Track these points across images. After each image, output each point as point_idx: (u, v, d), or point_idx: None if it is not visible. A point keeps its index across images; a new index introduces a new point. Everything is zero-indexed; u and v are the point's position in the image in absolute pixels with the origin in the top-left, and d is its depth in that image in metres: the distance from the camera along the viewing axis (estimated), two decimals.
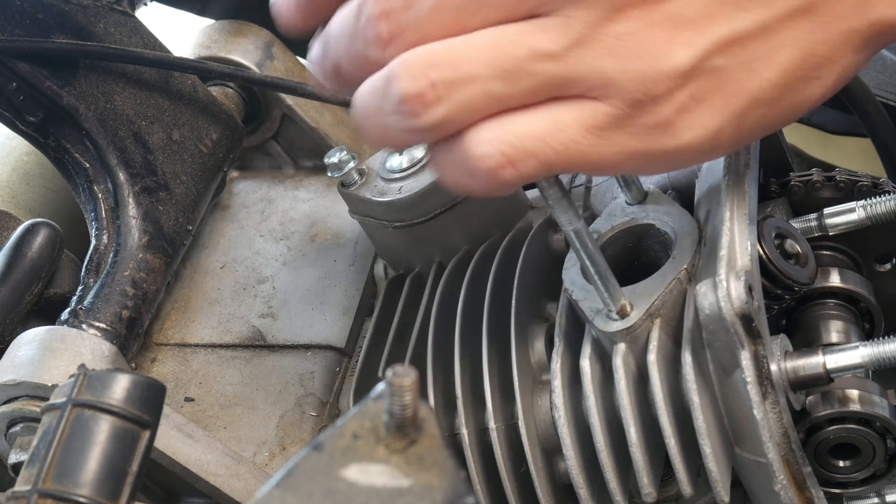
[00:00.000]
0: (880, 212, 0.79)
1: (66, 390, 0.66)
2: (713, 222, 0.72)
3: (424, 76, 0.60)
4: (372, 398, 0.50)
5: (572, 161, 0.61)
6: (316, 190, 1.11)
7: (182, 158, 1.00)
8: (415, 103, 0.60)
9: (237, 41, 1.12)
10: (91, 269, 0.92)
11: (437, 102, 0.60)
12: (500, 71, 0.60)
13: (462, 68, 0.60)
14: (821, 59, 0.61)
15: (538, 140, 0.60)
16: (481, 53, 0.60)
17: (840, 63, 0.62)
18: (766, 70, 0.60)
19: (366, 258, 1.02)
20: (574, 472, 0.74)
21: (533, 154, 0.60)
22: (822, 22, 0.60)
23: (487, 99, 0.60)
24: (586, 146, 0.60)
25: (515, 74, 0.60)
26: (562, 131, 0.60)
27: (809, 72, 0.61)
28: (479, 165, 0.61)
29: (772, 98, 0.61)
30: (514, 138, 0.60)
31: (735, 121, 0.61)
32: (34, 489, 0.62)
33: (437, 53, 0.60)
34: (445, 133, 0.62)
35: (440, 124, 0.61)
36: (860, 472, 0.77)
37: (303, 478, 0.48)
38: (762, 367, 0.67)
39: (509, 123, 0.61)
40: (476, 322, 0.82)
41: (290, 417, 0.92)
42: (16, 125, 0.95)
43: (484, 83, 0.60)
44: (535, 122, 0.61)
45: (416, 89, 0.60)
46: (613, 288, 0.70)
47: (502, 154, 0.60)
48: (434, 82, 0.60)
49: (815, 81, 0.62)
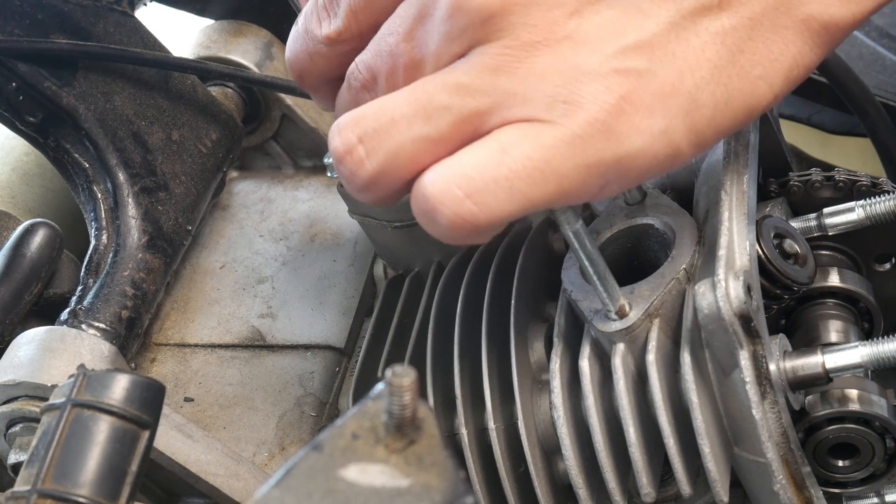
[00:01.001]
0: (880, 212, 0.79)
1: (65, 390, 0.66)
2: (712, 222, 0.72)
3: (351, 133, 0.63)
4: (371, 398, 0.50)
5: (534, 183, 0.60)
6: (315, 190, 1.11)
7: (182, 158, 1.00)
8: (348, 162, 0.63)
9: (237, 41, 1.12)
10: (91, 269, 0.92)
11: (368, 156, 0.62)
12: (418, 110, 0.61)
13: (383, 116, 0.62)
14: (755, 56, 0.61)
15: (491, 166, 0.60)
16: (400, 99, 0.62)
17: (782, 61, 0.62)
18: (695, 69, 0.61)
19: (365, 258, 1.02)
20: (573, 473, 0.74)
21: (492, 180, 0.59)
22: (743, 18, 0.61)
23: (415, 142, 0.62)
24: (542, 163, 0.60)
25: (433, 111, 0.61)
26: (511, 152, 0.60)
27: (748, 69, 0.61)
28: (439, 208, 0.60)
29: (715, 96, 0.61)
30: (465, 169, 0.60)
31: (683, 122, 0.61)
32: (34, 489, 0.62)
33: (365, 109, 0.63)
34: (392, 187, 0.63)
35: (378, 177, 0.63)
36: (859, 471, 0.77)
37: (302, 478, 0.48)
38: (761, 366, 0.67)
39: (454, 160, 0.61)
40: (475, 322, 0.82)
41: (289, 417, 0.92)
42: (15, 125, 0.95)
43: (406, 126, 0.61)
44: (480, 152, 0.60)
45: (345, 147, 0.63)
46: (612, 288, 0.70)
47: (457, 188, 0.60)
48: (360, 136, 0.62)
49: (758, 81, 0.62)
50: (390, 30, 0.65)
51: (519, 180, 0.59)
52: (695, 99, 0.61)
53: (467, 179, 0.59)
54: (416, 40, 0.64)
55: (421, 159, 0.62)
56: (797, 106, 1.19)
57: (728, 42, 0.61)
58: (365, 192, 0.64)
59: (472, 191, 0.59)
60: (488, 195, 0.59)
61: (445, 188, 0.60)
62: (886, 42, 1.13)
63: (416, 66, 0.64)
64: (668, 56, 0.60)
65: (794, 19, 0.62)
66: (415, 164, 0.62)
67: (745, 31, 0.61)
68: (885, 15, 1.15)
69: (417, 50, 0.64)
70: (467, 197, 0.59)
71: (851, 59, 1.04)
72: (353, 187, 0.64)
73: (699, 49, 0.61)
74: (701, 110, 0.61)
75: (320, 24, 0.69)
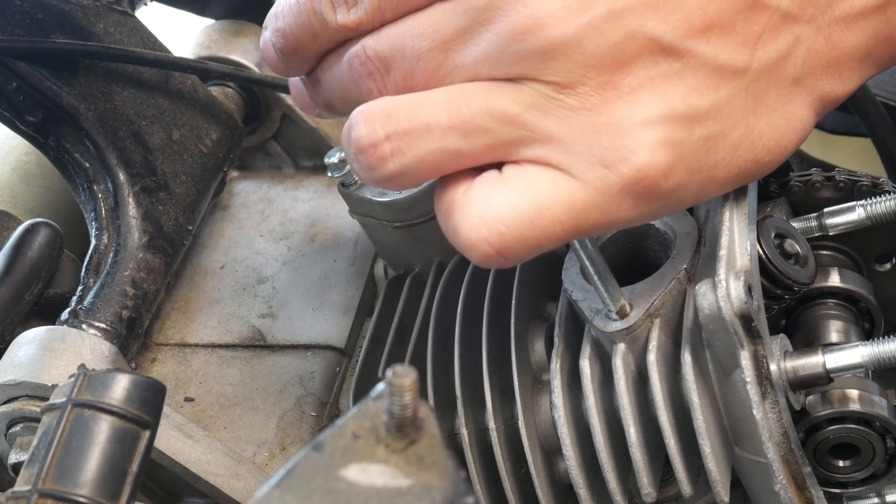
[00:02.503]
0: (880, 212, 0.79)
1: (66, 390, 0.66)
2: (713, 222, 0.72)
3: (380, 127, 0.61)
4: (372, 398, 0.50)
5: (559, 240, 0.61)
6: (316, 190, 1.11)
7: (182, 158, 1.00)
8: (370, 155, 0.61)
9: (237, 41, 1.12)
10: (91, 269, 0.92)
11: (392, 156, 0.61)
12: (456, 125, 0.60)
13: (419, 119, 0.61)
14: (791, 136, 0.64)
15: (523, 224, 0.60)
16: (439, 106, 0.61)
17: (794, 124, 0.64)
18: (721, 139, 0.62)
19: (366, 258, 1.02)
20: (574, 473, 0.74)
21: (522, 239, 0.61)
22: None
23: (443, 154, 0.61)
24: (570, 227, 0.61)
25: (472, 130, 0.60)
26: (545, 212, 0.60)
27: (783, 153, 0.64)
28: (467, 250, 0.61)
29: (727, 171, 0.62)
30: (497, 225, 0.60)
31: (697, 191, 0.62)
32: (34, 489, 0.62)
33: (397, 104, 0.61)
34: (405, 185, 0.63)
35: (397, 176, 0.62)
36: (860, 471, 0.77)
37: (303, 478, 0.48)
38: (762, 366, 0.67)
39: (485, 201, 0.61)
40: (476, 322, 0.82)
41: (289, 417, 0.92)
42: (16, 125, 0.95)
43: (440, 136, 0.61)
44: (512, 198, 0.61)
45: (370, 140, 0.61)
46: (613, 288, 0.70)
47: (488, 243, 0.60)
48: (389, 134, 0.61)
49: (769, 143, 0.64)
50: (422, 32, 0.61)
51: (547, 239, 0.61)
52: (712, 176, 0.62)
53: (499, 236, 0.60)
54: (451, 52, 0.61)
55: (444, 168, 0.62)
56: None
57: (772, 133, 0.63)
58: (377, 183, 0.63)
59: (502, 247, 0.60)
60: (516, 249, 0.61)
61: (476, 238, 0.61)
62: None
63: (443, 76, 0.62)
64: (707, 132, 0.61)
65: (810, 96, 0.64)
66: (437, 171, 0.62)
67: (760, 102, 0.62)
68: None
69: (451, 62, 0.61)
70: (497, 252, 0.61)
71: None
72: (367, 177, 0.63)
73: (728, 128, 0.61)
74: (715, 180, 0.63)
75: (335, 8, 0.64)
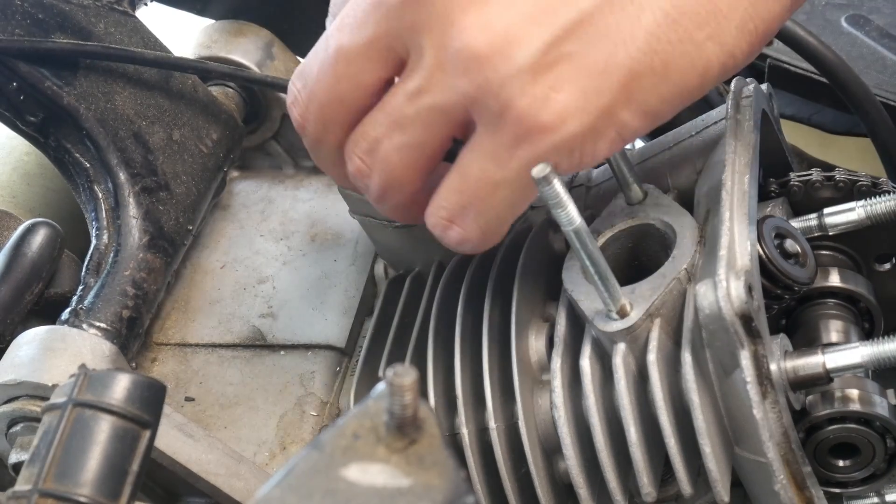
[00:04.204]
0: (880, 212, 0.79)
1: (66, 390, 0.66)
2: (713, 222, 0.72)
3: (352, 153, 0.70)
4: (372, 398, 0.50)
5: (490, 196, 0.66)
6: (316, 190, 1.11)
7: (182, 158, 1.00)
8: (358, 177, 0.71)
9: (237, 41, 1.12)
10: (91, 268, 0.92)
11: (370, 171, 0.69)
12: (392, 123, 0.67)
13: (368, 135, 0.68)
14: (699, 16, 0.59)
15: (456, 194, 0.67)
16: (377, 115, 0.68)
17: (732, 18, 0.60)
18: (630, 40, 0.59)
19: (366, 258, 1.02)
20: (574, 472, 0.74)
21: (460, 207, 0.67)
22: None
23: (400, 152, 0.67)
24: (488, 177, 0.65)
25: (403, 120, 0.66)
26: (467, 176, 0.66)
27: (692, 31, 0.59)
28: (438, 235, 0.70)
29: (653, 64, 0.60)
30: (441, 202, 0.68)
31: (621, 95, 0.60)
32: (35, 489, 0.62)
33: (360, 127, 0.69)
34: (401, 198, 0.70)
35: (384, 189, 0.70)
36: (860, 471, 0.77)
37: (303, 477, 0.48)
38: (762, 366, 0.67)
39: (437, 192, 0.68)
40: (476, 322, 0.82)
41: (290, 417, 0.92)
42: (16, 125, 0.95)
43: (388, 141, 0.67)
44: (448, 181, 0.67)
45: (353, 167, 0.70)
46: (613, 288, 0.70)
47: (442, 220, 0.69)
48: (359, 155, 0.69)
49: (707, 43, 0.60)
50: None
51: (478, 200, 0.66)
52: (631, 70, 0.60)
53: (446, 212, 0.68)
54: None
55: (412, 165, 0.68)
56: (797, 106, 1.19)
57: (667, 5, 0.59)
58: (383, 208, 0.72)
59: (452, 217, 0.67)
60: (464, 219, 0.67)
61: (435, 221, 0.69)
62: (886, 42, 1.13)
63: None
64: (601, 31, 0.59)
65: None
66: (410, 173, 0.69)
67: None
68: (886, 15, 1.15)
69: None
70: (452, 224, 0.68)
71: (851, 59, 1.04)
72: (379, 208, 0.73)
73: (635, 17, 0.59)
74: (639, 80, 0.60)
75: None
